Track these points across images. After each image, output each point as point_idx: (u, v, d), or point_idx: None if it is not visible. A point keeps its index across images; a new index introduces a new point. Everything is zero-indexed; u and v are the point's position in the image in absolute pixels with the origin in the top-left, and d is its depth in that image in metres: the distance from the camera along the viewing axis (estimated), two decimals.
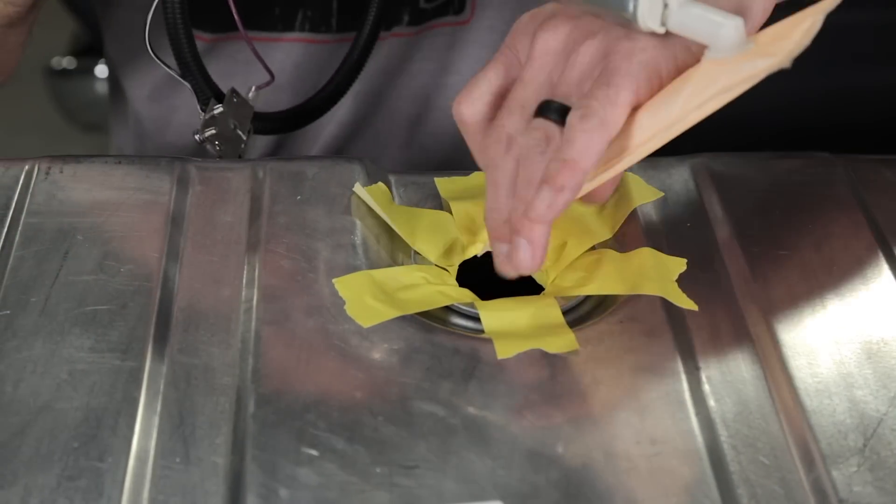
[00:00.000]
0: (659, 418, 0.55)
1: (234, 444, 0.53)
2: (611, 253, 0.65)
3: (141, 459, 0.53)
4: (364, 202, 0.67)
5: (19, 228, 0.65)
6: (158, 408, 0.55)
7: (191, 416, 0.55)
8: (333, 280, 0.62)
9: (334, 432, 0.54)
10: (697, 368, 0.58)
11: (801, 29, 0.55)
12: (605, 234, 0.67)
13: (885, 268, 0.64)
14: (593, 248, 0.66)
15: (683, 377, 0.58)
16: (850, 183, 0.70)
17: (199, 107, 0.75)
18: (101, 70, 1.74)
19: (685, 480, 0.53)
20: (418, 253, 0.66)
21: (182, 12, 0.72)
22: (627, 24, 0.57)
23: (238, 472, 0.52)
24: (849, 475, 0.53)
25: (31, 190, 0.67)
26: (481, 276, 0.64)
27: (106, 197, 0.67)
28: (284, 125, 0.80)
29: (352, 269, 0.63)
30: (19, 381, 0.56)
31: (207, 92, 0.74)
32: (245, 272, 0.63)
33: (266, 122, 0.78)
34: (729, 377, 0.58)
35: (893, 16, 1.59)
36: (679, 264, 0.64)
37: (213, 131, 0.74)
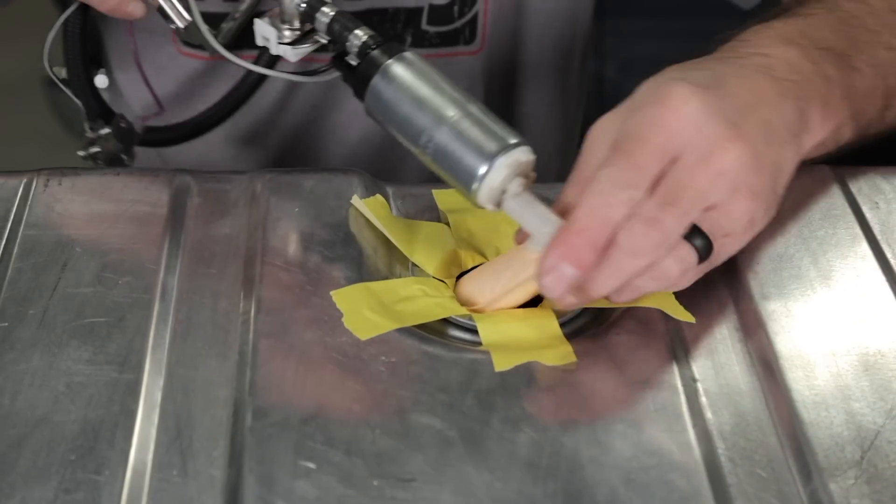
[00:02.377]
0: (656, 430, 0.55)
1: (232, 457, 0.53)
2: None
3: (138, 472, 0.53)
4: (362, 214, 0.67)
5: (18, 240, 0.65)
6: (156, 420, 0.55)
7: (188, 429, 0.55)
8: (331, 292, 0.62)
9: (332, 445, 0.54)
10: (695, 380, 0.58)
11: None
12: None
13: (881, 279, 0.64)
14: None
15: (681, 389, 0.58)
16: (846, 195, 0.70)
17: (86, 125, 0.78)
18: (101, 80, 1.74)
19: (682, 493, 0.53)
20: (416, 265, 0.66)
21: (81, 35, 0.75)
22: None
23: (235, 485, 0.52)
24: (846, 488, 0.53)
25: (29, 202, 0.68)
26: None
27: (104, 209, 0.68)
28: (172, 138, 0.84)
29: (350, 281, 0.63)
30: (17, 393, 0.56)
31: (98, 111, 0.78)
32: (243, 284, 0.63)
33: (155, 135, 0.82)
34: (726, 389, 0.58)
35: None
36: None
37: (97, 149, 0.77)
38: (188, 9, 0.69)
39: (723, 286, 0.64)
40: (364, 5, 0.86)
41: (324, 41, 0.67)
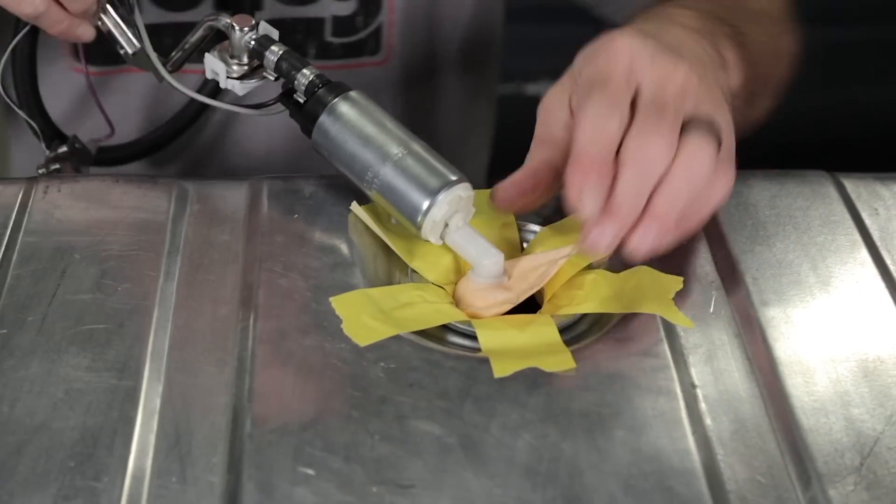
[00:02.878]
0: (655, 437, 0.55)
1: (231, 464, 0.53)
2: (607, 272, 0.65)
3: (137, 479, 0.53)
4: (361, 220, 0.67)
5: (17, 247, 0.65)
6: (155, 427, 0.55)
7: (187, 436, 0.55)
8: (330, 298, 0.62)
9: (331, 451, 0.54)
10: (694, 386, 0.58)
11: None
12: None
13: (881, 286, 0.65)
14: (589, 266, 0.66)
15: (680, 395, 0.58)
16: (845, 201, 0.70)
17: (42, 145, 0.80)
18: None
19: (682, 499, 0.53)
20: (415, 271, 0.66)
21: (30, 59, 0.76)
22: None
23: (234, 491, 0.52)
24: (845, 494, 0.53)
25: (28, 209, 0.68)
26: None
27: (104, 215, 0.68)
28: (126, 156, 0.86)
29: (349, 287, 0.63)
30: (16, 400, 0.56)
31: (50, 133, 0.79)
32: (241, 291, 0.63)
33: (109, 154, 0.84)
34: (725, 395, 0.58)
35: (891, 33, 1.60)
36: (675, 282, 0.64)
37: (57, 166, 0.79)
38: (138, 35, 0.70)
39: (722, 292, 0.64)
40: (262, 16, 0.86)
41: (271, 77, 0.69)
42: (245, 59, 0.69)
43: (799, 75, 0.86)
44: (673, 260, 0.66)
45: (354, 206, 0.68)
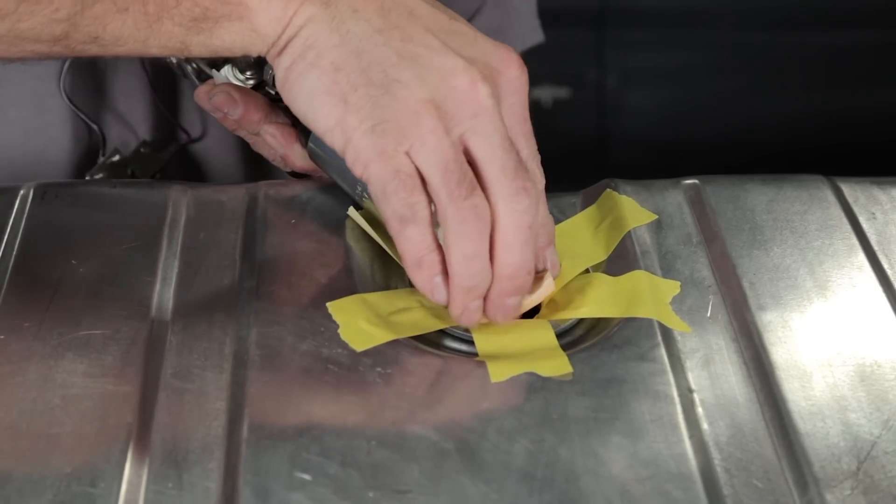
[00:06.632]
0: (652, 441, 0.55)
1: (227, 469, 0.53)
2: (604, 276, 0.65)
3: (133, 485, 0.53)
4: (359, 226, 0.67)
5: (14, 252, 0.65)
6: (151, 432, 0.55)
7: (184, 441, 0.55)
8: (327, 304, 0.62)
9: (327, 457, 0.54)
10: (691, 391, 0.58)
11: None
12: (600, 256, 0.67)
13: (878, 290, 0.64)
14: (587, 270, 0.66)
15: (677, 400, 0.58)
16: (842, 205, 0.70)
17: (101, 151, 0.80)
18: None
19: None
20: None
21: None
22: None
23: (231, 497, 0.52)
24: (842, 498, 0.53)
25: (25, 214, 0.68)
26: None
27: (100, 220, 0.68)
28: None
29: (346, 292, 0.63)
30: (12, 405, 0.56)
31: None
32: (238, 295, 0.63)
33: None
34: (722, 400, 0.58)
35: (887, 37, 1.60)
36: (673, 287, 0.64)
37: (101, 176, 0.80)
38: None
39: (719, 296, 0.64)
40: None
41: (272, 92, 0.69)
42: (249, 74, 0.70)
43: (797, 80, 0.85)
44: (670, 264, 0.66)
45: (352, 211, 0.68)
